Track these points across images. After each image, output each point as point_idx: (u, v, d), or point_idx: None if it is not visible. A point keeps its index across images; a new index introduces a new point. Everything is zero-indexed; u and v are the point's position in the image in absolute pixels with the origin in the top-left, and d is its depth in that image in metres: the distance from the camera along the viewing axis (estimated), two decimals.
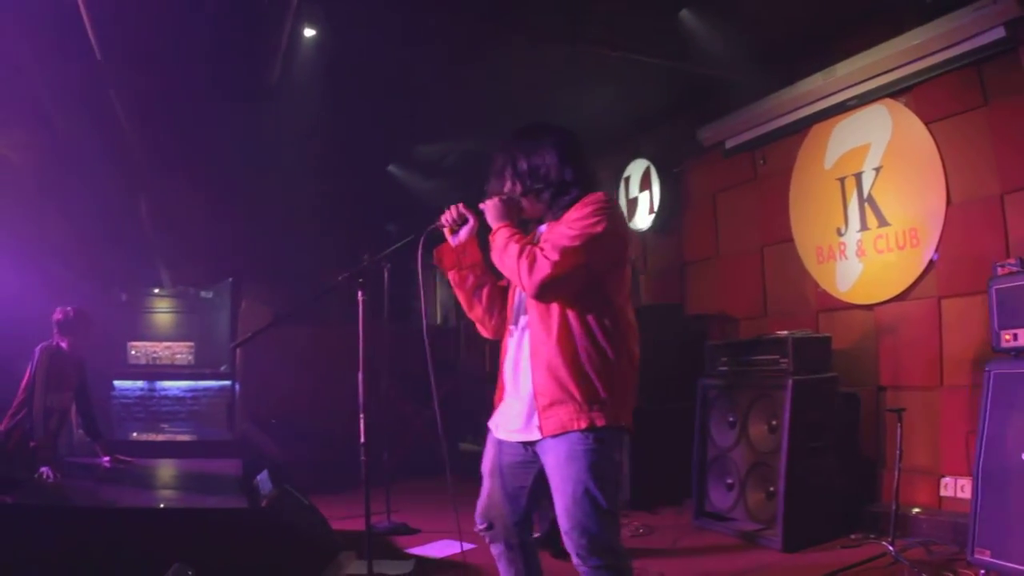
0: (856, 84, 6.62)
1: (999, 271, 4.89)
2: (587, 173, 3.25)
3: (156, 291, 10.58)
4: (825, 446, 6.03)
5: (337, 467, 7.65)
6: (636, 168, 9.48)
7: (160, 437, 9.23)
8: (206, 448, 8.25)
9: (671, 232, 9.15)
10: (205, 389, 10.19)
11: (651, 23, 6.74)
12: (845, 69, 6.62)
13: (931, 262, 6.11)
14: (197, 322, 10.56)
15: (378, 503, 6.58)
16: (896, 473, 5.34)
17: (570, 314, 3.07)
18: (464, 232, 3.30)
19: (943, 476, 5.91)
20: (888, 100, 6.47)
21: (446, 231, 3.31)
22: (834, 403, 6.23)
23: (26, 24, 6.14)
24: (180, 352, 10.34)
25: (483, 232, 3.30)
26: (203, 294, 10.63)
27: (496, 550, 3.39)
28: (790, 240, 7.47)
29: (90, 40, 6.14)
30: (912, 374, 6.27)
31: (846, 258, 6.85)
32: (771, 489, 6.06)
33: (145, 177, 9.12)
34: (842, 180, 6.88)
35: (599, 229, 3.03)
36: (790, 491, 5.81)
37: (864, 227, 6.68)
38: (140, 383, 10.00)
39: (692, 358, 7.26)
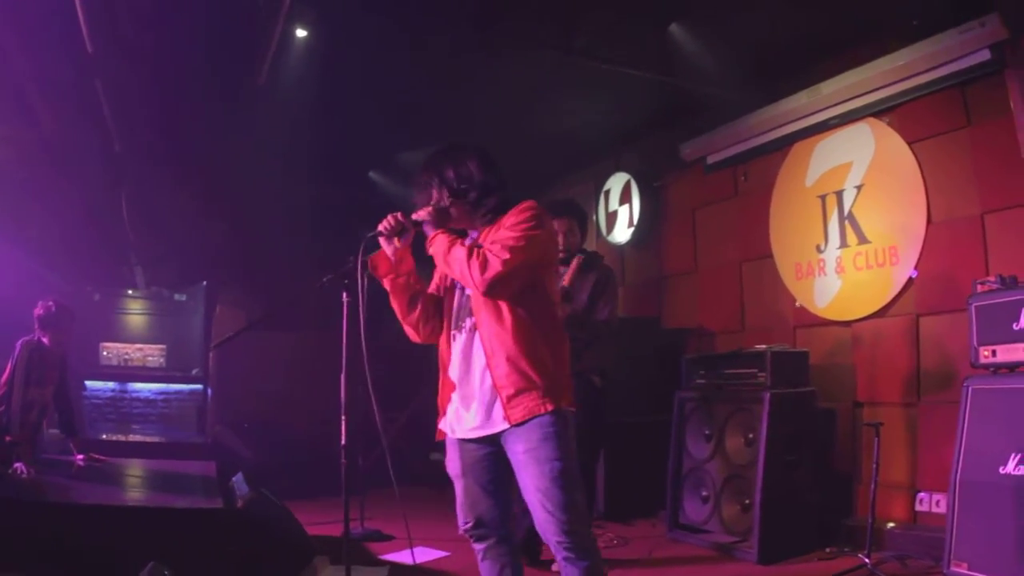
0: (840, 103, 6.70)
1: (979, 288, 4.96)
2: (503, 179, 3.53)
3: (129, 292, 10.48)
4: (801, 460, 6.06)
5: (310, 473, 7.62)
6: (616, 181, 9.53)
7: (132, 438, 9.16)
8: (180, 450, 8.20)
9: (650, 246, 9.19)
10: (176, 392, 10.10)
11: (640, 36, 6.77)
12: (830, 88, 6.68)
13: (910, 280, 6.18)
14: (170, 325, 10.45)
15: (352, 509, 6.56)
16: (872, 487, 5.36)
17: (520, 310, 3.29)
18: (401, 241, 3.44)
19: (919, 491, 5.95)
20: (871, 119, 6.55)
21: (383, 240, 3.43)
22: (811, 417, 6.28)
23: (13, 14, 6.09)
24: (152, 354, 10.24)
25: (416, 243, 3.51)
26: (177, 296, 10.54)
27: (482, 546, 3.46)
28: (769, 256, 7.53)
29: (81, 32, 6.09)
30: (889, 390, 6.32)
31: (825, 274, 6.91)
32: (747, 502, 6.07)
33: (127, 174, 9.04)
34: (823, 197, 6.94)
35: (538, 232, 3.31)
36: (766, 504, 5.82)
37: (844, 244, 6.74)
38: (111, 384, 9.92)
39: (669, 371, 7.26)
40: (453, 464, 3.48)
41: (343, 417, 4.14)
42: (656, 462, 6.95)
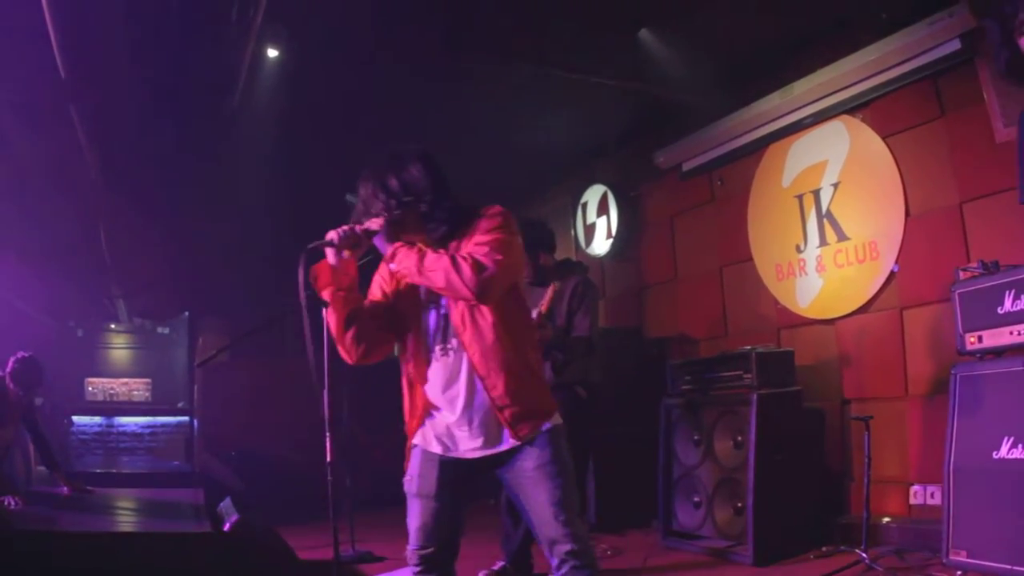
0: (813, 102, 6.72)
1: (961, 275, 4.96)
2: (447, 182, 3.31)
3: (112, 326, 10.46)
4: (792, 460, 6.02)
5: (299, 499, 7.54)
6: (593, 194, 9.52)
7: (119, 469, 9.11)
8: (167, 479, 8.15)
9: (629, 256, 9.18)
10: (163, 425, 10.10)
11: (610, 44, 6.77)
12: (802, 87, 6.71)
13: (892, 274, 6.18)
14: (154, 358, 10.45)
15: (343, 532, 6.50)
16: (866, 481, 5.34)
17: (505, 321, 3.19)
18: (351, 252, 3.26)
19: (912, 484, 5.93)
20: (845, 116, 6.57)
21: (329, 250, 3.23)
22: (799, 417, 6.25)
23: None
24: (137, 388, 10.23)
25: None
26: (160, 329, 10.55)
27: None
28: (749, 259, 7.53)
29: (53, 56, 6.03)
30: (876, 386, 6.31)
31: (806, 274, 6.91)
32: (739, 505, 6.03)
33: (103, 203, 8.97)
34: (800, 197, 6.95)
35: (515, 236, 3.22)
36: (759, 505, 5.78)
37: (823, 243, 6.75)
38: (98, 419, 9.88)
39: (653, 380, 7.25)
40: (426, 483, 3.28)
41: (327, 434, 4.06)
42: (646, 471, 6.91)
